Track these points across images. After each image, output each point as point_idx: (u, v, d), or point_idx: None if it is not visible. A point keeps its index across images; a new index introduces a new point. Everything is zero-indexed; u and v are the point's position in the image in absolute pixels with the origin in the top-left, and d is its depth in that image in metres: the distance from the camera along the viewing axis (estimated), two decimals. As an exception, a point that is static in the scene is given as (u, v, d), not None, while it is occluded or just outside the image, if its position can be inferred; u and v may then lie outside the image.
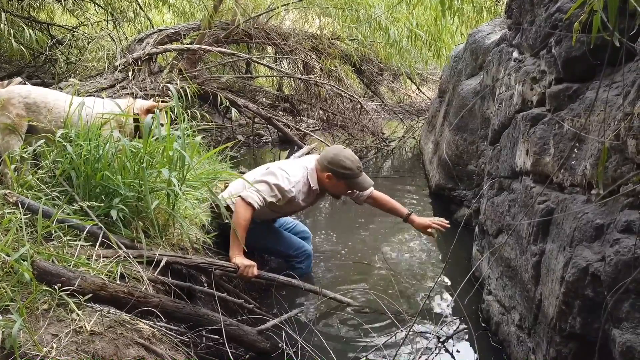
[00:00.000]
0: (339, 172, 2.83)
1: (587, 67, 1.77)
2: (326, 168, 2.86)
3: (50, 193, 2.28)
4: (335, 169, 2.83)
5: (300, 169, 2.93)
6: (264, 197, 2.71)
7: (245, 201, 2.68)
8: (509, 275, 2.36)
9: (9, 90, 2.94)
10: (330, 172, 2.85)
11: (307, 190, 2.92)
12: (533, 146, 2.15)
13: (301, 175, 2.89)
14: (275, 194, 2.76)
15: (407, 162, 7.65)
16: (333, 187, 2.93)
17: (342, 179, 2.86)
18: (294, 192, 2.82)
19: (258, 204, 2.69)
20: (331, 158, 2.84)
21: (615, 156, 1.47)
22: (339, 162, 2.82)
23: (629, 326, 1.34)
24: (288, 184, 2.79)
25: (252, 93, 8.07)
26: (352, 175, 2.85)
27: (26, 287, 1.69)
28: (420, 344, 2.43)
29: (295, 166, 2.95)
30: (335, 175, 2.85)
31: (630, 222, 1.38)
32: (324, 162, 2.87)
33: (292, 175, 2.84)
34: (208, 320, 2.03)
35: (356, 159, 2.88)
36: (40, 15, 7.12)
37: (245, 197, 2.68)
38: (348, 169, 2.83)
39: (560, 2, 1.96)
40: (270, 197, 2.74)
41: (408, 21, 6.35)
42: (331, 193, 3.02)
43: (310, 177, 2.92)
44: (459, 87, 4.68)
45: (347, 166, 2.82)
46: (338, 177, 2.85)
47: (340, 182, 2.88)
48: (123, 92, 4.96)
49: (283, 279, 2.71)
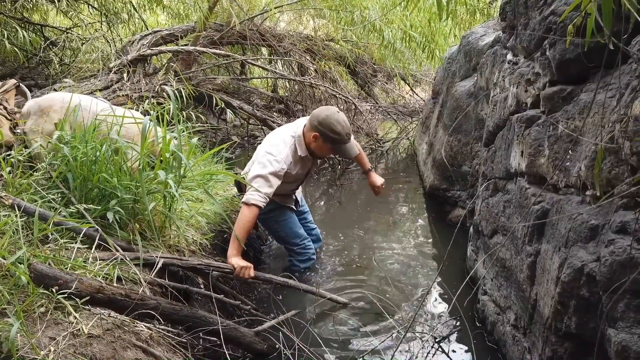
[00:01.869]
0: (327, 135, 2.81)
1: (581, 69, 1.79)
2: (315, 128, 2.83)
3: (47, 195, 2.27)
4: (324, 131, 2.81)
5: (286, 140, 2.92)
6: (264, 192, 2.72)
7: (248, 204, 2.69)
8: (505, 275, 2.38)
9: (50, 97, 2.99)
10: (318, 132, 2.83)
11: (298, 159, 2.94)
12: (528, 148, 2.17)
13: (288, 148, 2.89)
14: (272, 183, 2.77)
15: (401, 162, 7.67)
16: (318, 148, 2.91)
17: (328, 142, 2.85)
18: (286, 167, 2.83)
19: (261, 201, 2.71)
20: (322, 119, 2.81)
21: (610, 157, 1.49)
22: (329, 125, 2.80)
23: (624, 326, 1.36)
24: (278, 165, 2.79)
25: (247, 94, 8.06)
26: (340, 141, 2.84)
27: (23, 290, 1.69)
28: (417, 345, 2.44)
29: (281, 140, 2.94)
30: (323, 137, 2.83)
31: (625, 222, 1.40)
32: (314, 121, 2.84)
33: (277, 154, 2.83)
34: (205, 322, 2.03)
35: (347, 125, 2.85)
36: (34, 16, 7.08)
37: (247, 201, 2.70)
38: (337, 134, 2.81)
39: (554, 5, 1.98)
40: (269, 188, 2.76)
41: (402, 23, 6.38)
42: (316, 155, 3.00)
43: (298, 145, 2.92)
44: (453, 89, 4.70)
45: (337, 130, 2.80)
46: (325, 140, 2.84)
47: (327, 145, 2.87)
48: (118, 94, 4.95)
49: (280, 279, 2.72)
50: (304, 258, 3.21)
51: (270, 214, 3.12)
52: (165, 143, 2.51)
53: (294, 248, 3.24)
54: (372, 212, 4.93)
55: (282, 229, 3.22)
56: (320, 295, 2.76)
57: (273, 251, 3.77)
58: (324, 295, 2.76)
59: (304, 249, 3.24)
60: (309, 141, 2.91)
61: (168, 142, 2.51)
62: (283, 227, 3.21)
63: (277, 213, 3.17)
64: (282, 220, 3.21)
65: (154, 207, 2.41)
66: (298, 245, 3.23)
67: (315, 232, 3.59)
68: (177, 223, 2.57)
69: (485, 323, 2.58)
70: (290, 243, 3.26)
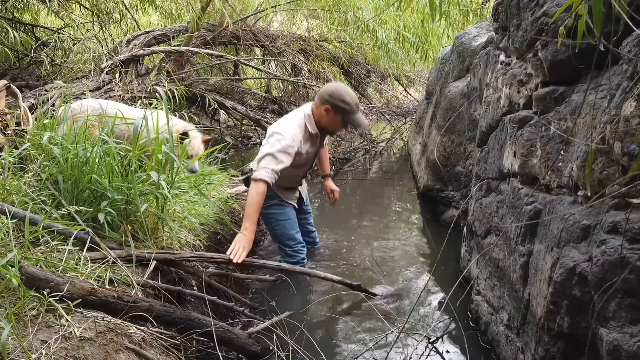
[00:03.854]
0: (338, 106, 2.94)
1: (573, 70, 1.80)
2: (326, 101, 2.97)
3: (37, 198, 2.25)
4: (335, 102, 2.94)
5: (295, 120, 3.06)
6: (272, 169, 2.83)
7: (256, 180, 2.81)
8: (498, 275, 2.39)
9: (82, 103, 3.01)
10: (329, 104, 2.95)
11: (308, 136, 3.06)
12: (520, 148, 2.17)
13: (297, 126, 3.01)
14: (281, 160, 2.88)
15: (395, 163, 7.68)
16: (330, 122, 3.03)
17: (339, 113, 2.97)
18: (296, 144, 2.94)
19: (269, 177, 2.82)
20: (332, 91, 2.96)
21: (601, 158, 1.50)
22: (339, 96, 2.94)
23: (616, 325, 1.36)
24: (286, 142, 2.90)
25: (240, 95, 8.05)
26: (350, 111, 2.96)
27: (14, 293, 1.68)
28: (411, 345, 2.44)
29: (289, 120, 3.09)
30: (334, 108, 2.95)
31: (616, 222, 1.41)
32: (324, 95, 2.98)
33: (286, 133, 2.94)
34: (198, 324, 2.02)
35: (355, 97, 3.01)
36: (25, 16, 7.02)
37: (255, 177, 2.82)
38: (347, 104, 2.94)
39: (546, 7, 1.98)
40: (278, 165, 2.86)
41: (395, 23, 6.40)
42: (327, 129, 3.12)
43: (308, 122, 3.05)
44: (446, 89, 4.72)
45: (347, 101, 2.94)
46: (336, 111, 2.96)
47: (337, 116, 2.99)
48: (110, 94, 4.92)
49: (272, 263, 2.78)
50: (293, 261, 3.23)
51: (272, 210, 3.20)
52: (157, 144, 2.50)
53: (287, 249, 3.28)
54: (365, 212, 4.94)
55: (279, 228, 3.26)
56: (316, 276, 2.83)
57: (264, 251, 3.76)
58: (317, 275, 2.82)
59: (295, 252, 3.28)
60: (319, 117, 3.04)
61: (160, 143, 2.50)
62: (281, 227, 3.26)
63: (278, 211, 3.23)
64: (282, 220, 3.25)
65: (146, 209, 2.39)
66: (291, 248, 3.28)
67: (314, 235, 3.65)
68: (169, 224, 2.56)
69: (479, 323, 2.59)
70: (284, 244, 3.29)
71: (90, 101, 3.09)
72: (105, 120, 2.91)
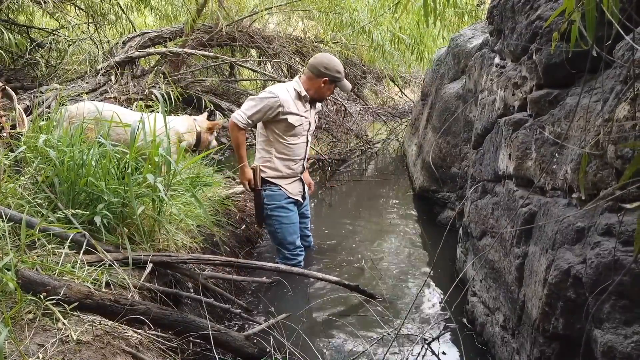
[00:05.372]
0: (334, 76, 3.11)
1: (567, 73, 1.82)
2: (323, 74, 3.10)
3: (33, 201, 2.25)
4: (332, 74, 3.10)
5: (283, 84, 3.26)
6: (244, 113, 3.04)
7: (231, 122, 3.08)
8: (493, 277, 2.40)
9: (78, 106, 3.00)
10: (327, 77, 3.10)
11: (297, 97, 3.15)
12: (515, 150, 2.19)
13: (284, 87, 3.17)
14: (257, 105, 3.05)
15: (390, 164, 7.70)
16: (321, 89, 3.16)
17: (334, 83, 3.15)
18: (280, 97, 3.05)
19: (239, 119, 3.04)
20: (326, 64, 3.10)
21: (595, 161, 1.51)
22: (334, 67, 3.10)
23: (610, 327, 1.38)
24: (269, 94, 3.06)
25: (236, 96, 8.03)
26: (342, 78, 3.16)
27: (11, 297, 1.67)
28: (407, 346, 2.45)
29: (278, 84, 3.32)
30: (330, 80, 3.11)
31: (610, 225, 1.42)
32: (319, 68, 3.10)
33: (271, 87, 3.16)
34: (195, 327, 2.03)
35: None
36: (20, 17, 6.99)
37: (231, 119, 3.09)
38: (340, 72, 3.14)
39: (540, 10, 2.00)
40: (252, 109, 3.05)
41: (391, 25, 6.41)
42: (316, 96, 3.21)
43: (297, 85, 3.17)
44: (442, 91, 4.74)
45: (340, 70, 3.14)
46: (331, 81, 3.13)
47: (332, 86, 3.17)
48: (105, 96, 4.91)
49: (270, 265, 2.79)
50: (290, 264, 3.25)
51: (277, 212, 3.25)
52: (154, 146, 2.50)
53: (285, 252, 3.31)
54: (362, 213, 4.94)
55: (281, 231, 3.29)
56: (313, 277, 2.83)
57: (262, 255, 3.77)
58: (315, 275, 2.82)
59: (293, 256, 3.31)
60: (308, 86, 3.15)
61: (157, 145, 2.50)
62: (283, 231, 3.29)
63: (283, 214, 3.26)
64: (285, 224, 3.28)
65: (142, 211, 2.39)
66: (290, 251, 3.31)
67: (310, 239, 3.68)
68: (166, 227, 2.56)
69: (475, 324, 2.60)
70: (284, 247, 3.32)
71: (87, 104, 3.08)
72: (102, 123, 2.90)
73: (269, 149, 3.21)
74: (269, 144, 3.20)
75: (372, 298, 2.85)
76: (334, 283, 2.84)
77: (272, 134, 3.17)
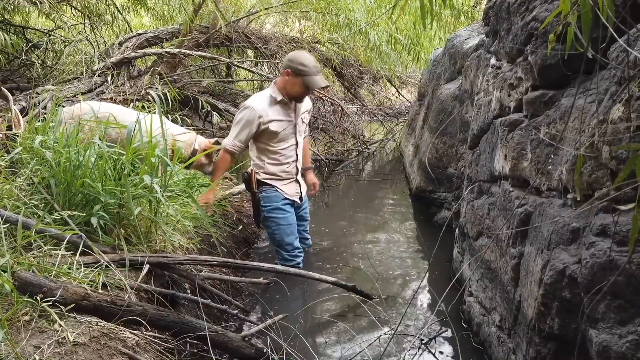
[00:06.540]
0: (297, 69, 3.07)
1: (562, 74, 1.82)
2: (286, 66, 3.11)
3: (29, 202, 2.24)
4: (294, 65, 3.07)
5: (260, 93, 3.37)
6: (232, 138, 3.13)
7: (221, 151, 3.19)
8: (490, 277, 2.41)
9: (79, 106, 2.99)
10: (289, 68, 3.08)
11: (274, 102, 3.16)
12: (511, 151, 2.20)
13: (260, 96, 3.25)
14: (238, 125, 3.13)
15: (387, 164, 7.71)
16: (291, 86, 3.12)
17: (299, 76, 3.08)
18: (255, 108, 3.10)
19: (229, 145, 3.15)
20: (291, 57, 3.14)
21: (590, 162, 1.52)
22: (297, 59, 3.10)
23: (605, 326, 1.39)
24: (247, 111, 3.11)
25: (233, 97, 8.02)
26: (308, 72, 3.08)
27: (7, 299, 1.67)
28: (404, 346, 2.46)
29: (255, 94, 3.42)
30: (294, 72, 3.07)
31: (605, 225, 1.43)
32: (285, 61, 3.16)
33: (247, 102, 3.21)
34: (192, 327, 2.02)
35: (315, 61, 3.18)
36: (15, 18, 6.96)
37: (222, 144, 3.20)
38: (305, 66, 3.08)
39: (535, 12, 2.01)
40: (236, 131, 3.13)
41: (387, 25, 6.42)
42: (290, 95, 3.17)
43: (272, 91, 3.18)
44: (438, 91, 4.75)
45: (305, 63, 3.08)
46: (295, 74, 3.07)
47: (298, 80, 3.09)
48: (102, 97, 4.89)
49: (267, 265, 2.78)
50: (289, 265, 3.24)
51: (274, 214, 3.26)
52: (151, 147, 2.49)
53: (284, 254, 3.31)
54: (359, 213, 4.95)
55: (279, 233, 3.30)
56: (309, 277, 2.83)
57: (259, 255, 3.77)
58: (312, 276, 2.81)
59: (292, 257, 3.31)
60: (283, 84, 3.14)
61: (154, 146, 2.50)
62: (281, 232, 3.29)
63: (280, 216, 3.27)
64: (282, 225, 3.29)
65: (139, 212, 2.39)
66: (288, 252, 3.31)
67: (308, 242, 3.67)
68: (163, 228, 2.56)
69: (471, 324, 2.61)
70: (282, 248, 3.33)
71: (84, 105, 3.06)
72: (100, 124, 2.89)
73: (260, 156, 3.25)
74: (260, 151, 3.25)
75: (369, 298, 2.85)
76: (331, 283, 2.84)
77: (259, 143, 3.22)
